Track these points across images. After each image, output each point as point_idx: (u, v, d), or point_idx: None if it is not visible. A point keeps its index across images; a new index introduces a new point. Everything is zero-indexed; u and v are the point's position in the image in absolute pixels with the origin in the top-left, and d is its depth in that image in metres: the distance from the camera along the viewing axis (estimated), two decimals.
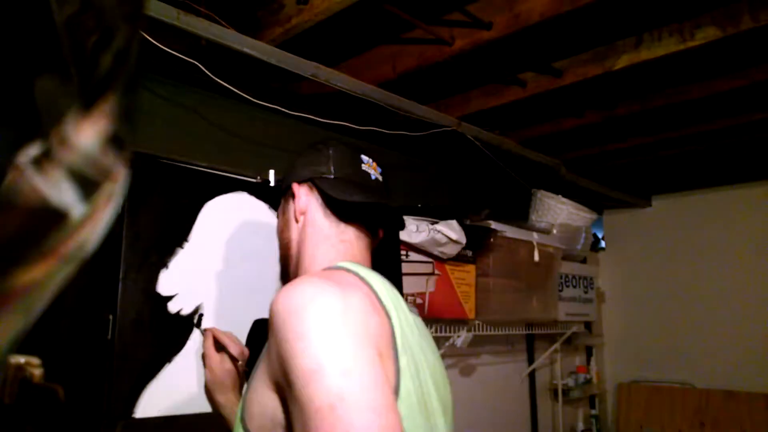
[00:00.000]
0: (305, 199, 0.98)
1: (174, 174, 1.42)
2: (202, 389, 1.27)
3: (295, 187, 0.99)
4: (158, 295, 1.29)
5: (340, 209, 0.97)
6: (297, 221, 0.98)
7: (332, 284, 0.78)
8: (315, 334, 0.71)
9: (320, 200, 0.97)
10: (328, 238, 0.96)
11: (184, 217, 1.37)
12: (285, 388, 0.74)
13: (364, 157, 1.02)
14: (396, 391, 0.76)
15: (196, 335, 1.33)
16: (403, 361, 0.79)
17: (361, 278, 0.85)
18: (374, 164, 1.04)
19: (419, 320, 1.00)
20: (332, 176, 0.97)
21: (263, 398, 0.80)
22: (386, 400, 0.68)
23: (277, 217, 1.07)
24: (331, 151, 1.00)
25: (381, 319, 0.80)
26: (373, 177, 1.01)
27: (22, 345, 0.26)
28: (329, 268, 0.89)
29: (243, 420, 0.83)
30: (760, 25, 1.59)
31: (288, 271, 1.01)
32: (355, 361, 0.69)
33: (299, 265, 0.97)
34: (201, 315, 1.34)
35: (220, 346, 1.15)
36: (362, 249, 0.99)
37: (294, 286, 0.77)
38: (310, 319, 0.72)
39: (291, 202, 1.00)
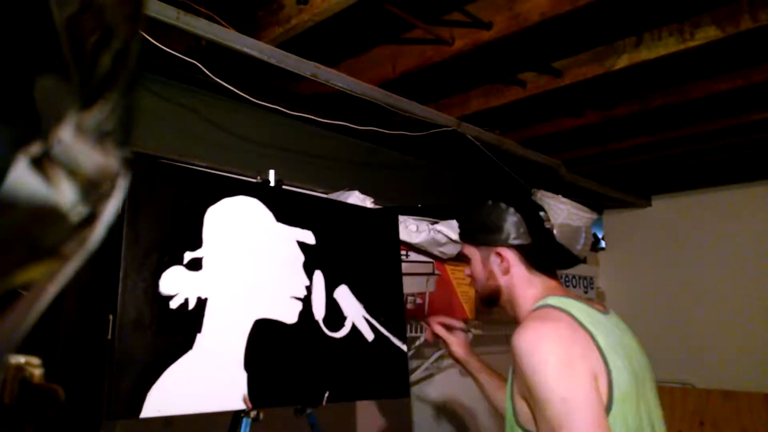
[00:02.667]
0: (510, 256, 1.26)
1: (174, 174, 1.41)
2: (208, 389, 1.27)
3: (503, 251, 1.27)
4: (159, 294, 1.29)
5: (540, 267, 1.26)
6: (506, 274, 1.27)
7: (547, 326, 1.08)
8: (544, 371, 1.02)
9: (524, 260, 1.26)
10: (532, 282, 1.25)
11: (184, 217, 1.37)
12: (531, 403, 1.07)
13: (542, 214, 1.29)
14: (610, 388, 1.03)
15: (200, 336, 1.33)
16: (611, 360, 1.05)
17: (564, 311, 1.12)
18: (547, 215, 1.30)
19: (612, 317, 1.21)
20: (530, 240, 1.25)
21: (521, 404, 1.12)
22: (595, 418, 0.97)
23: (470, 263, 1.35)
24: (518, 218, 1.27)
25: (585, 338, 1.06)
26: (549, 227, 1.28)
27: (22, 345, 0.26)
28: (540, 307, 1.17)
29: (515, 416, 1.14)
30: (760, 25, 1.59)
31: (497, 303, 1.32)
32: (569, 389, 0.99)
33: (519, 306, 1.26)
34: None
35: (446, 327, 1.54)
36: (552, 282, 1.26)
37: (523, 330, 1.09)
38: (538, 359, 1.03)
39: (494, 259, 1.28)
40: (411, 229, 2.05)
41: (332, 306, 1.62)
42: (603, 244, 3.87)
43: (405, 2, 1.58)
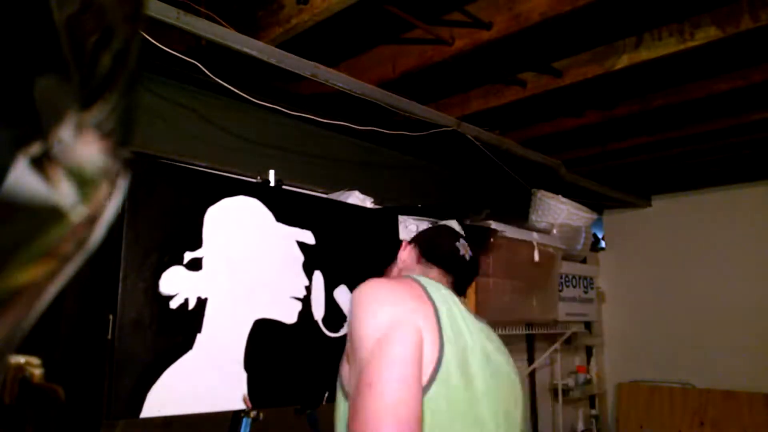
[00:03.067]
0: (409, 245, 1.34)
1: (174, 174, 1.41)
2: (208, 389, 1.27)
3: (404, 244, 1.36)
4: (160, 294, 1.28)
5: (428, 256, 1.30)
6: (401, 254, 1.33)
7: (383, 281, 1.11)
8: (367, 309, 1.03)
9: (417, 252, 1.31)
10: (415, 269, 1.28)
11: (184, 217, 1.37)
12: (350, 353, 1.05)
13: (461, 242, 1.33)
14: (436, 369, 0.99)
15: (200, 336, 1.33)
16: (446, 336, 1.03)
17: (419, 283, 1.11)
18: (466, 248, 1.33)
19: (479, 323, 1.19)
20: (430, 241, 1.33)
21: (345, 367, 1.10)
22: (404, 371, 0.94)
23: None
24: (439, 230, 1.39)
25: (426, 305, 1.05)
26: (460, 253, 1.31)
27: (22, 345, 0.26)
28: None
29: (340, 379, 1.12)
30: (760, 25, 1.59)
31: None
32: (388, 333, 0.98)
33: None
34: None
35: None
36: (440, 280, 1.24)
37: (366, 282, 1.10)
38: (368, 298, 1.05)
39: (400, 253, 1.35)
40: (411, 229, 2.05)
41: (332, 306, 1.62)
42: (603, 244, 3.87)
43: (405, 2, 1.58)
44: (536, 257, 2.59)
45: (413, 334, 0.98)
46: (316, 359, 1.54)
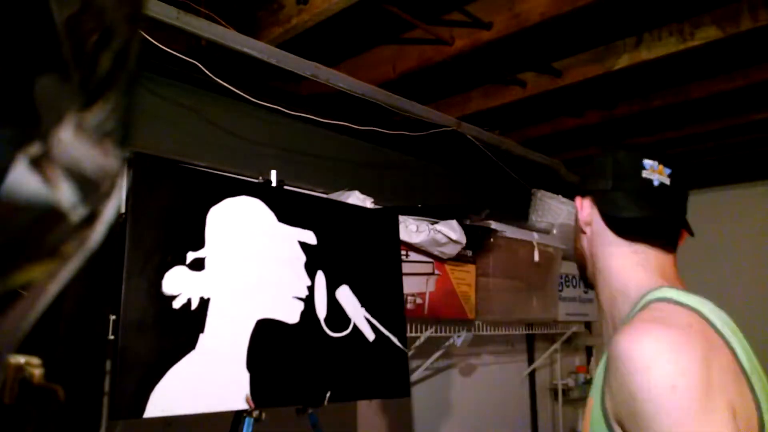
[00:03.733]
0: (588, 212, 0.97)
1: (177, 174, 1.41)
2: (211, 389, 1.27)
3: (578, 200, 0.99)
4: (162, 294, 1.29)
5: (618, 226, 0.93)
6: (584, 232, 0.98)
7: (673, 335, 0.75)
8: (664, 400, 0.70)
9: (599, 216, 0.95)
10: (620, 250, 0.93)
11: (187, 217, 1.37)
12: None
13: (647, 162, 0.92)
14: (761, 421, 0.73)
15: (203, 336, 1.33)
16: (758, 386, 0.76)
17: (694, 310, 0.81)
18: (660, 167, 0.93)
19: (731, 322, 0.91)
20: (610, 189, 0.93)
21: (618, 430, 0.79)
22: None
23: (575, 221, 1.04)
24: (611, 159, 0.94)
25: (725, 357, 0.76)
26: (656, 183, 0.91)
27: (22, 345, 0.26)
28: (656, 301, 0.85)
29: None
30: (760, 25, 1.59)
31: (586, 275, 1.03)
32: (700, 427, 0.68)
33: (604, 280, 0.96)
34: None
35: None
36: (662, 261, 0.92)
37: (636, 335, 0.77)
38: (658, 381, 0.71)
39: (578, 212, 0.99)
40: (411, 229, 2.05)
41: (334, 306, 1.62)
42: None
43: (405, 2, 1.58)
44: (536, 257, 2.59)
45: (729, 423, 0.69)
46: (318, 359, 1.54)
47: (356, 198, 1.96)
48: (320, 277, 1.61)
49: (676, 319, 0.78)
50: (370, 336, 1.69)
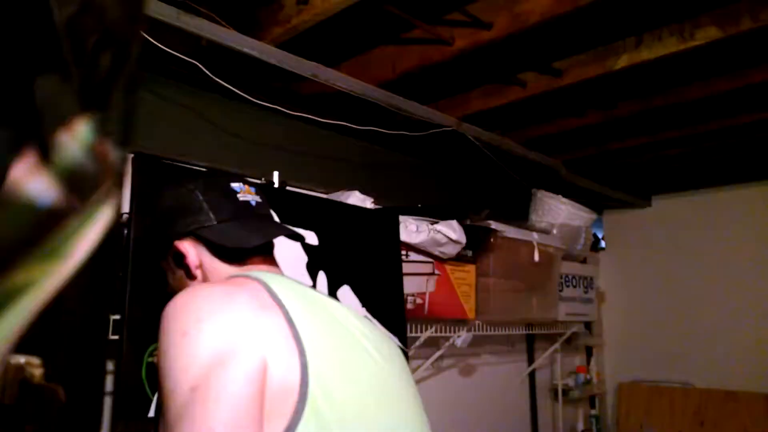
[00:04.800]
0: (194, 252, 0.93)
1: (178, 175, 1.41)
2: None
3: (179, 245, 0.93)
4: (165, 295, 1.29)
5: (236, 256, 0.92)
6: (195, 277, 0.94)
7: (213, 289, 0.80)
8: (174, 341, 0.73)
9: (210, 251, 0.92)
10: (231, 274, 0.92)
11: None
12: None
13: (235, 185, 0.95)
14: (305, 381, 0.73)
15: None
16: (309, 336, 0.76)
17: (256, 279, 0.83)
18: (247, 187, 0.97)
19: (348, 310, 0.93)
20: (215, 222, 0.91)
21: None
22: (233, 415, 0.67)
23: (167, 277, 1.00)
24: (200, 194, 0.93)
25: (273, 311, 0.77)
26: (253, 203, 0.95)
27: (22, 345, 0.26)
28: (232, 276, 0.88)
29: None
30: (760, 25, 1.59)
31: None
32: (207, 373, 0.69)
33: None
34: None
35: None
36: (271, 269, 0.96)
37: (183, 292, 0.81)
38: (177, 325, 0.74)
39: (178, 262, 0.94)
40: (411, 229, 2.05)
41: None
42: (603, 244, 3.87)
43: (405, 2, 1.58)
44: (536, 257, 2.59)
45: (250, 363, 0.70)
46: None
47: (356, 198, 1.96)
48: (322, 277, 1.61)
49: (231, 282, 0.83)
50: None
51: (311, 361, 0.74)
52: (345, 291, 1.65)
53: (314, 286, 1.58)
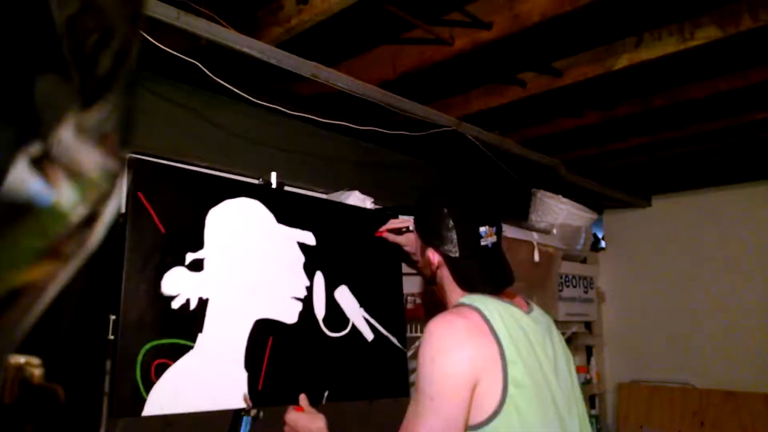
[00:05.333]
0: (438, 260, 1.27)
1: (176, 175, 1.42)
2: (209, 388, 1.27)
3: (430, 252, 1.28)
4: (161, 295, 1.29)
5: (463, 284, 1.24)
6: (434, 266, 1.28)
7: (448, 320, 1.11)
8: (425, 365, 1.08)
9: (448, 272, 1.25)
10: (456, 289, 1.25)
11: (186, 218, 1.37)
12: None
13: (482, 230, 1.24)
14: (504, 393, 1.04)
15: (201, 335, 1.33)
16: (514, 367, 1.06)
17: (476, 309, 1.12)
18: (490, 230, 1.25)
19: (534, 315, 1.25)
20: (458, 257, 1.23)
21: None
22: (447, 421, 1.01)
23: (416, 248, 1.38)
24: (450, 222, 1.24)
25: (487, 340, 1.07)
26: (489, 246, 1.24)
27: (22, 345, 0.26)
28: (458, 304, 1.17)
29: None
30: (760, 25, 1.59)
31: (429, 280, 1.37)
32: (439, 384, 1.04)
33: (443, 295, 1.31)
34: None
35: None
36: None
37: (432, 320, 1.13)
38: (425, 351, 1.09)
39: (426, 251, 1.29)
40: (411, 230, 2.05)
41: (332, 306, 1.62)
42: (603, 244, 3.87)
43: (405, 2, 1.58)
44: (536, 257, 2.59)
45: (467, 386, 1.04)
46: (316, 359, 1.54)
47: (356, 198, 1.96)
48: (319, 277, 1.61)
49: (459, 312, 1.13)
50: (369, 336, 1.69)
51: (510, 374, 1.06)
52: (343, 291, 1.65)
53: (311, 286, 1.58)
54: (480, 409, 1.04)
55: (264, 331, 1.45)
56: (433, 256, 1.27)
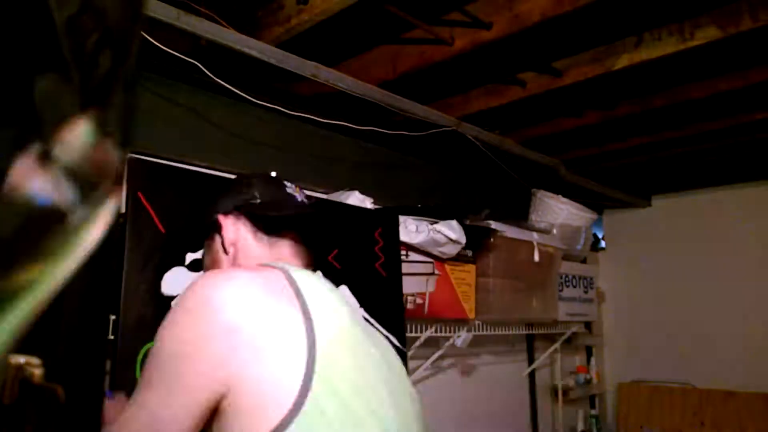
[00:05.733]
0: (233, 228, 1.01)
1: (176, 175, 1.42)
2: None
3: (221, 218, 1.02)
4: (161, 295, 1.29)
5: (270, 226, 1.00)
6: (227, 252, 1.00)
7: (231, 274, 0.85)
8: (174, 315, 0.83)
9: (249, 225, 1.00)
10: (262, 252, 0.99)
11: (184, 218, 1.37)
12: None
13: (288, 183, 1.07)
14: (311, 365, 0.75)
15: None
16: (320, 317, 0.80)
17: (280, 269, 0.87)
18: (297, 187, 1.08)
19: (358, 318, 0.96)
20: (258, 200, 1.02)
21: None
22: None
23: (203, 256, 1.09)
24: (254, 180, 1.05)
25: (285, 290, 0.82)
26: (298, 199, 1.05)
27: (22, 345, 0.26)
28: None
29: None
30: (760, 25, 1.59)
31: None
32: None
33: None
34: None
35: None
36: (294, 251, 1.02)
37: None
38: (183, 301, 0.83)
39: (217, 236, 1.03)
40: (411, 230, 2.05)
41: None
42: (603, 244, 3.87)
43: (405, 2, 1.58)
44: (536, 257, 2.59)
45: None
46: None
47: (356, 198, 1.96)
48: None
49: (251, 268, 0.89)
50: None
51: (319, 354, 0.76)
52: (343, 291, 1.65)
53: None
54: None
55: None
56: (224, 222, 1.05)
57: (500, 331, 2.63)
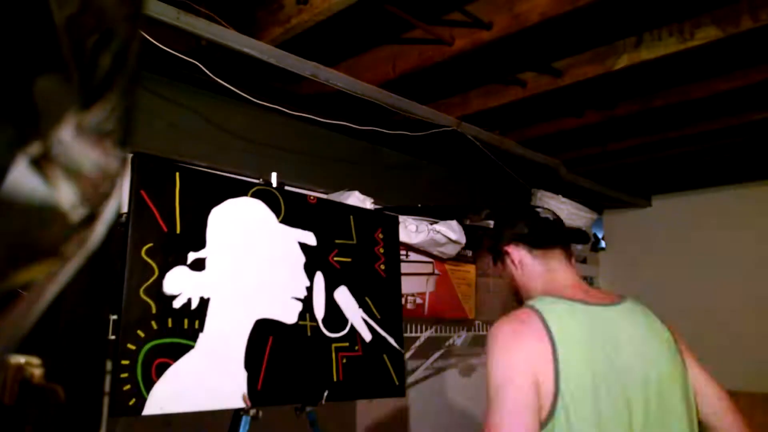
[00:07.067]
0: (516, 253, 1.36)
1: (179, 175, 1.41)
2: (209, 387, 1.27)
3: (508, 248, 1.37)
4: (163, 294, 1.29)
5: (536, 241, 1.34)
6: (517, 269, 1.36)
7: (506, 324, 1.15)
8: (489, 358, 1.11)
9: (523, 247, 1.35)
10: (540, 275, 1.32)
11: (188, 217, 1.37)
12: None
13: (539, 209, 1.41)
14: (555, 397, 1.05)
15: (202, 335, 1.33)
16: (565, 367, 1.07)
17: (535, 311, 1.15)
18: (545, 209, 1.41)
19: (619, 309, 1.29)
20: (526, 230, 1.36)
21: None
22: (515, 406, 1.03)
23: (496, 266, 1.46)
24: (519, 220, 1.39)
25: (542, 342, 1.10)
26: (552, 219, 1.38)
27: (22, 345, 0.26)
28: (524, 306, 1.22)
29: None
30: (760, 25, 1.59)
31: (522, 299, 1.39)
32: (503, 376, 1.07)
33: (526, 296, 1.35)
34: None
35: None
36: (564, 269, 1.32)
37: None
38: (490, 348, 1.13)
39: (508, 260, 1.38)
40: (410, 230, 2.05)
41: (332, 307, 1.62)
42: (603, 244, 3.87)
43: (405, 2, 1.58)
44: None
45: (528, 379, 1.06)
46: (315, 359, 1.54)
47: (356, 198, 1.96)
48: (319, 277, 1.61)
49: (518, 316, 1.17)
50: (367, 337, 1.69)
51: (563, 379, 1.06)
52: (342, 292, 1.66)
53: (311, 286, 1.58)
54: (542, 408, 1.06)
55: (264, 331, 1.45)
56: (510, 250, 1.39)
57: None
